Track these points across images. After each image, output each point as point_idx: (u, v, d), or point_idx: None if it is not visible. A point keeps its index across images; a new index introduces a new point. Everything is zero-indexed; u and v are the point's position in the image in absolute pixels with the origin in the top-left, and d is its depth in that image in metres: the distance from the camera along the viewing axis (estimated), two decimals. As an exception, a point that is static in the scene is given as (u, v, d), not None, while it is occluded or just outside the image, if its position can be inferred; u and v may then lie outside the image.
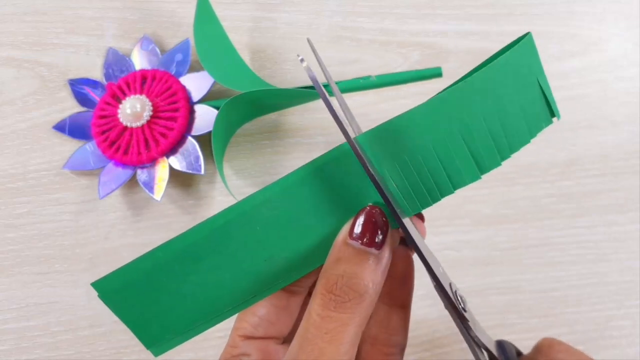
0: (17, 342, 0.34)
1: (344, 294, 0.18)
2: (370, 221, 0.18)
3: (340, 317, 0.18)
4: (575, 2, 0.40)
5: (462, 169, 0.19)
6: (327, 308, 0.18)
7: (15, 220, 0.35)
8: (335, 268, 0.18)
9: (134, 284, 0.20)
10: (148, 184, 0.33)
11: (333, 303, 0.18)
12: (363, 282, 0.18)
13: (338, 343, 0.18)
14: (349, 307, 0.18)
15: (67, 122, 0.36)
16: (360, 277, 0.18)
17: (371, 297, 0.18)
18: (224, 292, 0.20)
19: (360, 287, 0.18)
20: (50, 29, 0.37)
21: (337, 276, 0.18)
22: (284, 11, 0.39)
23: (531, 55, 0.22)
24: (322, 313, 0.18)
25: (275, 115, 0.37)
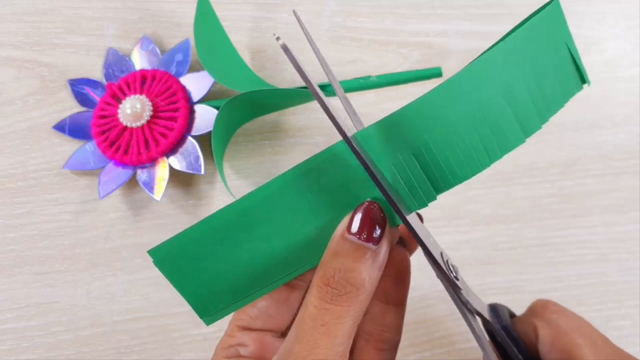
0: (17, 342, 0.34)
1: (341, 287, 0.18)
2: (369, 217, 0.19)
3: (336, 309, 0.18)
4: (575, 2, 0.40)
5: (507, 132, 0.19)
6: (323, 300, 0.18)
7: (15, 220, 0.35)
8: (332, 262, 0.18)
9: (188, 251, 0.20)
10: (148, 184, 0.33)
11: (330, 295, 0.18)
12: (360, 277, 0.18)
13: (333, 335, 0.18)
14: (345, 300, 0.18)
15: (67, 122, 0.36)
16: (357, 271, 0.18)
17: (367, 291, 0.18)
18: (276, 260, 0.20)
19: (357, 281, 0.18)
20: (51, 29, 0.37)
21: (334, 269, 0.18)
22: (284, 11, 0.39)
23: (559, 19, 0.22)
24: (318, 305, 0.18)
25: (275, 115, 0.37)
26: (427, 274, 0.35)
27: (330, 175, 0.19)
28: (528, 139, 0.19)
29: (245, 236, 0.20)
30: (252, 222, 0.20)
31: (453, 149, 0.19)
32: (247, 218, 0.20)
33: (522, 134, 0.19)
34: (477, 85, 0.18)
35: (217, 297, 0.21)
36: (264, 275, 0.20)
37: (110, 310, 0.34)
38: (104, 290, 0.34)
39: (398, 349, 0.24)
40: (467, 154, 0.19)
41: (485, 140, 0.19)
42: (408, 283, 0.24)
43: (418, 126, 0.19)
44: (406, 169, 0.19)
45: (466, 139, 0.19)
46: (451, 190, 0.20)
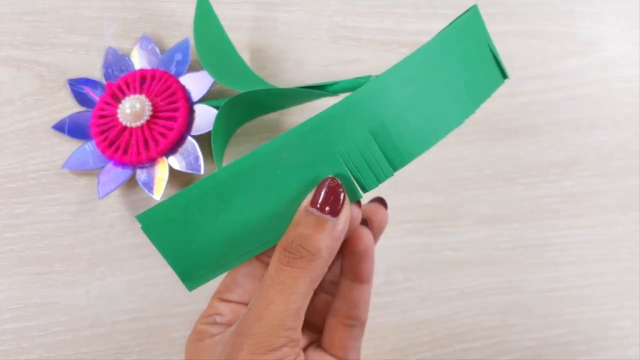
0: (17, 342, 0.34)
1: (297, 252, 0.20)
2: (329, 192, 0.21)
3: (292, 271, 0.20)
4: (575, 2, 0.40)
5: (448, 114, 0.22)
6: (281, 263, 0.20)
7: (14, 220, 0.35)
8: (293, 230, 0.21)
9: (172, 218, 0.22)
10: (147, 184, 0.33)
11: (286, 259, 0.20)
12: (316, 244, 0.21)
13: (288, 293, 0.20)
14: (300, 263, 0.20)
15: (67, 122, 0.36)
16: (314, 239, 0.21)
17: (323, 257, 0.21)
18: (250, 231, 0.22)
19: (312, 247, 0.20)
20: (50, 29, 0.37)
21: (293, 237, 0.21)
22: (284, 11, 0.38)
23: (479, 23, 0.24)
24: (277, 267, 0.20)
25: (275, 115, 0.37)
26: (427, 273, 0.35)
27: (298, 152, 0.21)
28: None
29: (222, 206, 0.22)
30: (228, 193, 0.21)
31: (404, 128, 0.21)
32: (224, 190, 0.21)
33: (460, 116, 0.22)
34: (418, 72, 0.21)
35: (198, 264, 0.22)
36: (239, 245, 0.22)
37: (110, 311, 0.34)
38: (103, 291, 0.34)
39: (365, 326, 0.26)
40: (417, 133, 0.21)
41: (430, 122, 0.21)
42: (372, 261, 0.25)
43: (374, 108, 0.21)
44: (366, 148, 0.21)
45: (414, 119, 0.21)
46: (451, 190, 0.20)
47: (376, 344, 0.34)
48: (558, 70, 0.39)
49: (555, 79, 0.39)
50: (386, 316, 0.35)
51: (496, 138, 0.37)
